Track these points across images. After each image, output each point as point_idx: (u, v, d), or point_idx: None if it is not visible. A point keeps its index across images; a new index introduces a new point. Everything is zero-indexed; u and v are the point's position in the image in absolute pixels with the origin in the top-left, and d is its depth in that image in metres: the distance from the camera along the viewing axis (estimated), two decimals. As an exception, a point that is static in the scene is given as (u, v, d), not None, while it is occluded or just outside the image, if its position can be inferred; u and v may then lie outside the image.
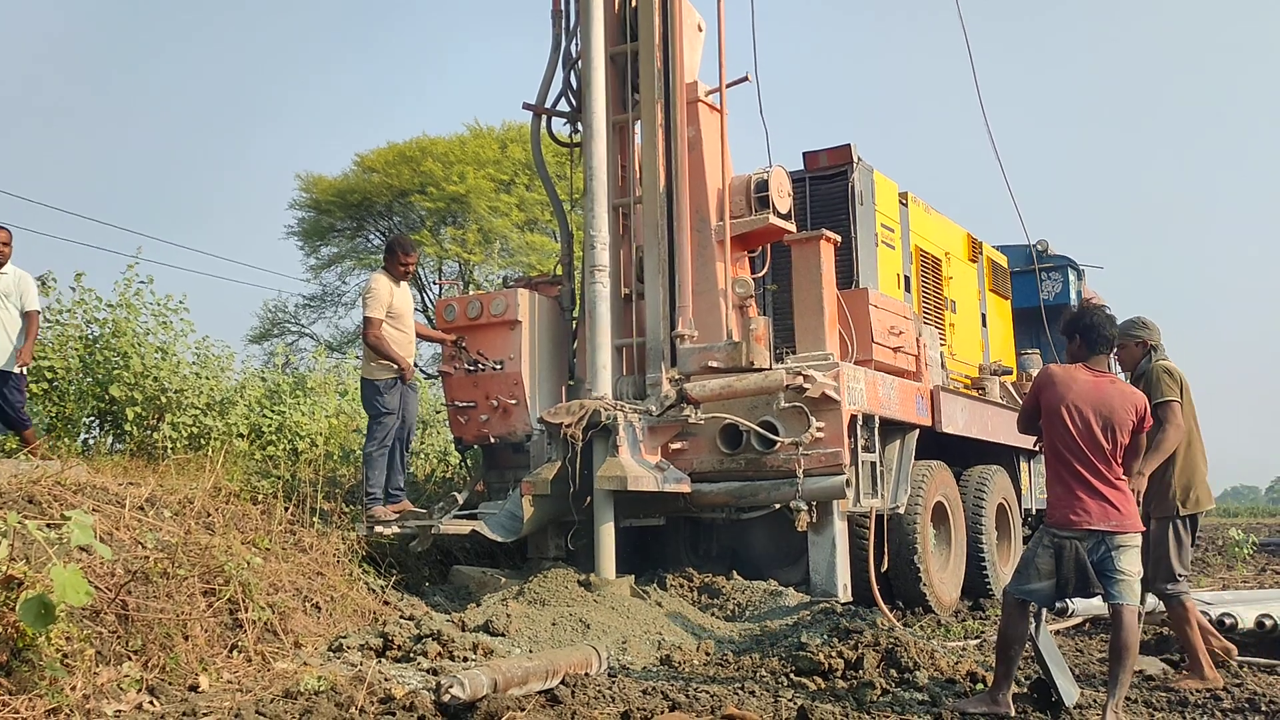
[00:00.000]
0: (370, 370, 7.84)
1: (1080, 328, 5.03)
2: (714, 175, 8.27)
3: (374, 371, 7.81)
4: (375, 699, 4.56)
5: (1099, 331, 4.99)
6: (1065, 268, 13.08)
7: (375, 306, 7.75)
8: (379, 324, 7.75)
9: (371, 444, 7.76)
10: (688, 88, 8.30)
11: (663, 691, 4.97)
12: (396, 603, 7.21)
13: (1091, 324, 5.01)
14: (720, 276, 8.05)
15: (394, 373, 7.77)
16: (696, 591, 7.81)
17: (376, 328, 7.75)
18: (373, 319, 7.75)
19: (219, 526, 6.31)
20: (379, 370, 7.79)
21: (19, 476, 5.86)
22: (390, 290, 7.85)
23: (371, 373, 7.82)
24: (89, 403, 9.41)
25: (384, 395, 7.75)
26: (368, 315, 7.77)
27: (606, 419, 7.40)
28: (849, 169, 9.30)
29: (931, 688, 5.17)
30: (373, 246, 29.36)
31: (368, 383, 7.86)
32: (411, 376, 7.94)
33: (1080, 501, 4.71)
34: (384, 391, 7.76)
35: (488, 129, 28.14)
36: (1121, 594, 4.67)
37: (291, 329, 30.24)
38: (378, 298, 7.77)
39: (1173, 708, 5.07)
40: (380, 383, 7.77)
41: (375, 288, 7.83)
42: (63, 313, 9.69)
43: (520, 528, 7.68)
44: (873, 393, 7.90)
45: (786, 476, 7.43)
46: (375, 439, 7.74)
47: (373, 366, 7.83)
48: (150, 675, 4.71)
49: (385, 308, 7.78)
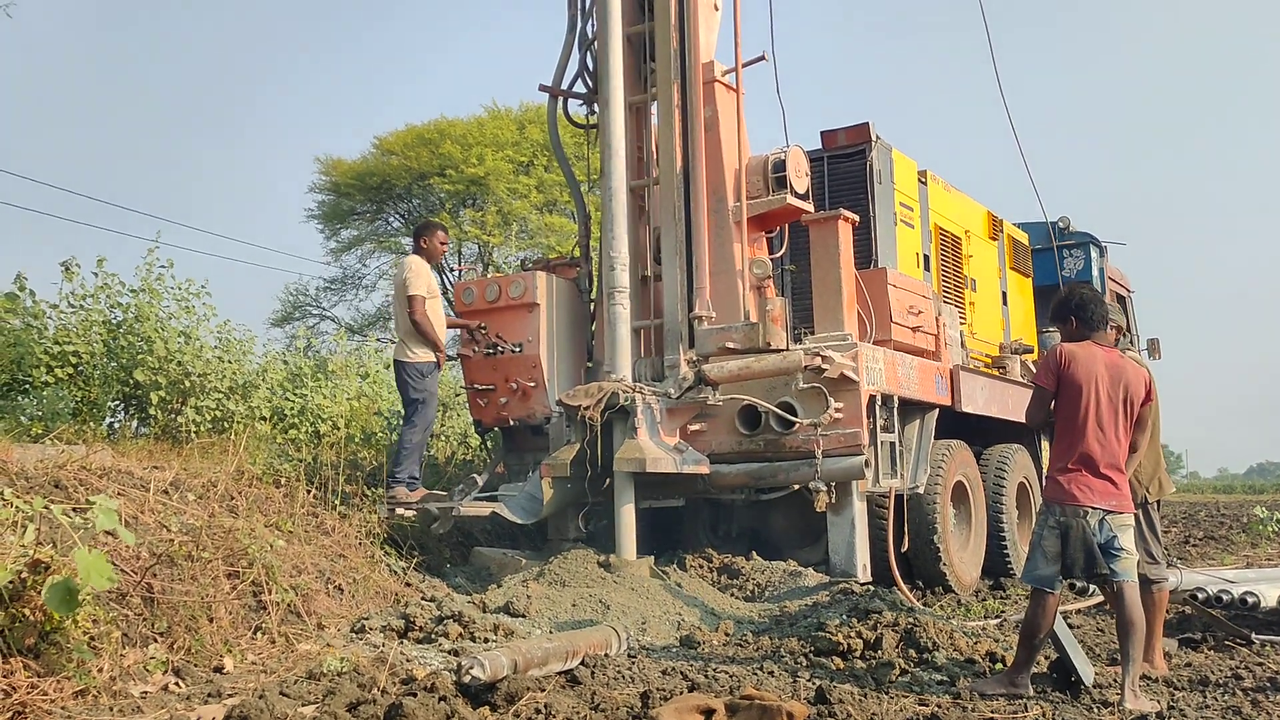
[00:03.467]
0: (410, 353, 7.84)
1: (1073, 308, 5.00)
2: (731, 155, 8.23)
3: (415, 355, 7.82)
4: (397, 680, 4.62)
5: (1090, 309, 4.96)
6: (1087, 245, 12.94)
7: (419, 284, 7.81)
8: (423, 301, 7.79)
9: (413, 430, 7.79)
10: (704, 67, 8.25)
11: (682, 672, 5.00)
12: (418, 584, 7.27)
13: (1083, 302, 4.99)
14: (738, 257, 8.02)
15: (433, 355, 7.81)
16: (716, 572, 7.83)
17: (423, 305, 7.78)
18: (418, 296, 7.78)
19: (242, 509, 6.38)
20: (421, 353, 7.82)
21: (45, 461, 5.94)
22: (428, 270, 7.91)
23: (412, 356, 7.83)
24: (113, 387, 9.50)
25: (426, 379, 7.80)
26: (413, 294, 7.79)
27: (625, 401, 7.41)
28: (867, 148, 9.23)
29: (951, 668, 5.18)
30: (392, 229, 29.41)
31: (409, 366, 7.85)
32: (444, 361, 8.00)
33: (1084, 479, 4.72)
34: (426, 374, 7.80)
35: (505, 110, 28.07)
36: (1123, 571, 4.70)
37: (313, 312, 30.37)
38: (420, 276, 7.84)
39: (1194, 686, 5.07)
40: (422, 365, 7.80)
41: (417, 267, 7.88)
42: (86, 298, 9.76)
43: (540, 510, 7.71)
44: (892, 373, 7.87)
45: (805, 457, 7.42)
46: (417, 426, 7.78)
47: (414, 350, 7.84)
48: (176, 657, 4.78)
49: (428, 286, 7.85)
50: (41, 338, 9.26)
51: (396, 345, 8.13)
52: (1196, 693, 4.93)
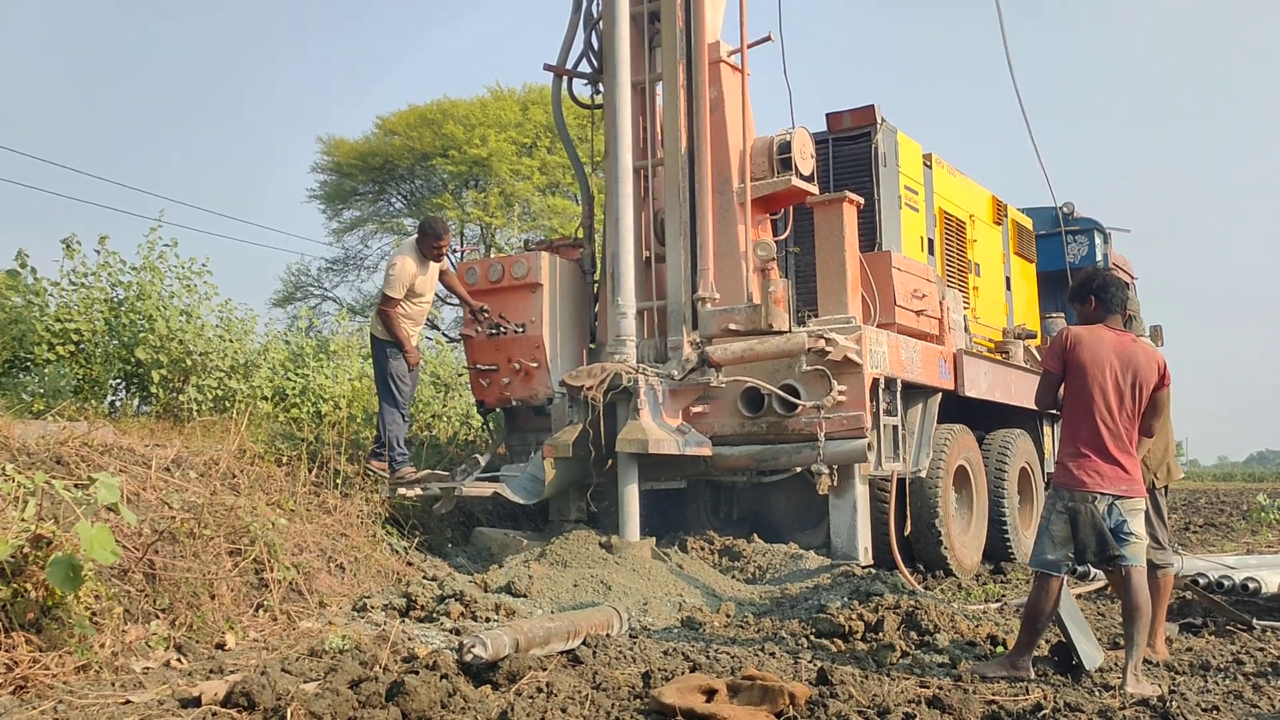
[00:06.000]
0: (383, 331, 7.83)
1: (1094, 289, 4.99)
2: (736, 137, 8.19)
3: (386, 333, 7.81)
4: (399, 658, 4.62)
5: (1111, 291, 4.96)
6: (1091, 231, 12.90)
7: (396, 286, 7.71)
8: (396, 304, 7.73)
9: (388, 401, 7.76)
10: (710, 48, 8.20)
11: (683, 653, 5.00)
12: (419, 564, 7.27)
13: (1104, 284, 4.98)
14: (742, 239, 7.99)
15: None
16: (717, 554, 7.84)
17: (393, 306, 7.72)
18: (391, 298, 7.72)
19: (244, 488, 6.38)
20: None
21: (47, 438, 5.93)
22: (414, 270, 7.79)
23: (384, 333, 7.82)
24: (115, 365, 9.49)
25: (395, 359, 7.76)
26: (387, 293, 7.73)
27: (628, 382, 7.40)
28: (872, 130, 9.19)
29: (952, 650, 5.18)
30: (395, 210, 29.36)
31: (379, 342, 7.86)
32: (416, 363, 7.93)
33: (1093, 463, 4.69)
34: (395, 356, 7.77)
35: (509, 91, 27.98)
36: (1132, 556, 4.69)
37: (314, 292, 30.36)
38: (399, 278, 7.70)
39: (1195, 671, 5.07)
40: (390, 346, 7.77)
41: (400, 267, 7.74)
42: (88, 275, 9.74)
43: (542, 490, 7.71)
44: (895, 356, 7.86)
45: (808, 440, 7.42)
46: (390, 396, 7.75)
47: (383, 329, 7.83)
48: (178, 633, 4.79)
49: (406, 289, 7.75)
50: (43, 315, 9.25)
51: (370, 320, 8.11)
52: (1198, 677, 4.93)
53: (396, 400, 7.78)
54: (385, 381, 7.80)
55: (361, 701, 3.77)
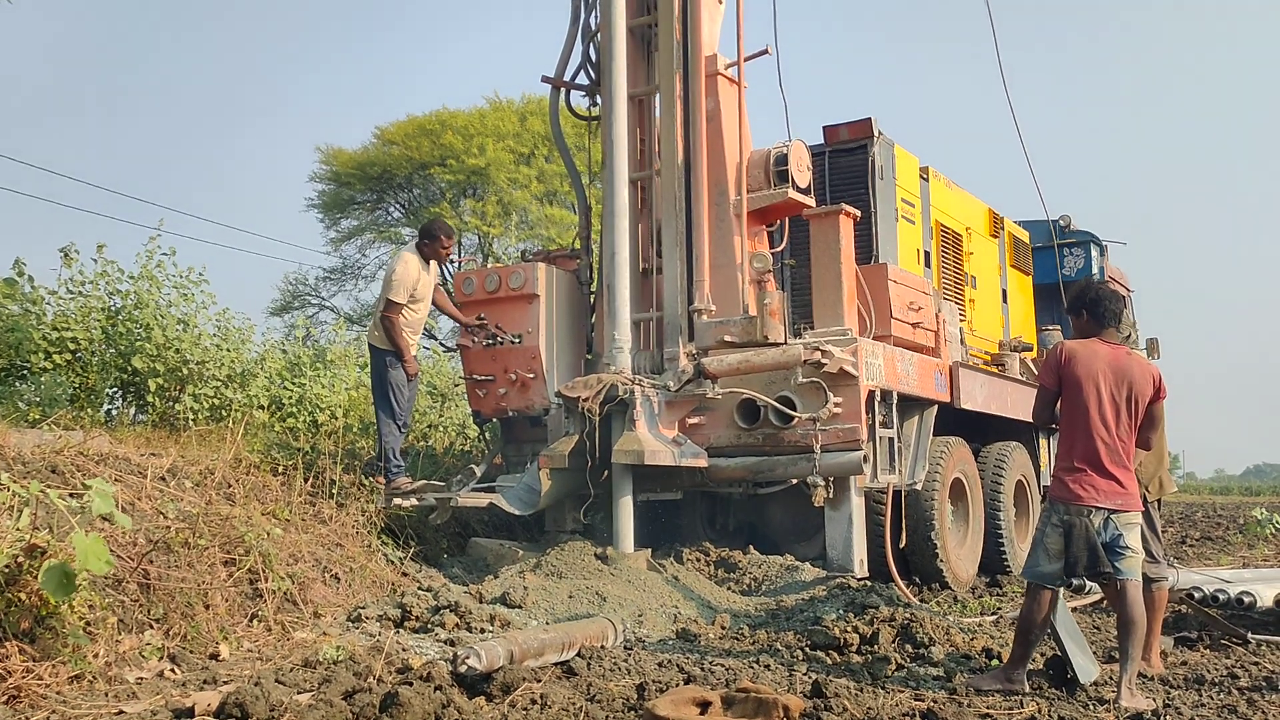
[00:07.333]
0: (383, 340, 7.82)
1: (1087, 302, 5.01)
2: (733, 149, 8.21)
3: (386, 341, 7.80)
4: (393, 669, 4.61)
5: (1106, 305, 4.97)
6: (1088, 243, 12.93)
7: (400, 291, 7.71)
8: (399, 309, 7.73)
9: (385, 411, 7.76)
10: (707, 60, 8.22)
11: (678, 664, 5.00)
12: (414, 574, 7.26)
13: (1098, 298, 4.99)
14: (738, 251, 8.01)
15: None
16: (713, 566, 7.83)
17: (396, 312, 7.72)
18: (395, 303, 7.71)
19: (239, 497, 6.38)
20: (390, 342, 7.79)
21: (42, 446, 5.93)
22: (418, 273, 7.80)
23: (384, 342, 7.82)
24: (111, 374, 9.50)
25: (394, 369, 7.76)
26: (391, 298, 7.72)
27: (624, 393, 7.40)
28: (869, 143, 9.22)
29: (947, 663, 5.18)
30: (392, 219, 29.37)
31: (378, 351, 7.85)
32: (415, 374, 7.93)
33: (1089, 478, 4.71)
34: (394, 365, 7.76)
35: (507, 102, 28.05)
36: (1128, 570, 4.70)
37: (312, 302, 30.33)
38: (403, 282, 7.71)
39: (1189, 685, 5.06)
40: (390, 355, 7.77)
41: (403, 270, 7.74)
42: (85, 284, 9.75)
43: (537, 501, 7.70)
44: (891, 368, 7.87)
45: (804, 452, 7.41)
46: (388, 406, 7.75)
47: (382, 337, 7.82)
48: (171, 643, 4.78)
49: (409, 293, 7.75)
50: (40, 323, 9.25)
51: (369, 329, 8.10)
52: (1192, 691, 4.92)
53: (394, 411, 7.78)
54: (383, 391, 7.80)
55: (355, 713, 3.77)
